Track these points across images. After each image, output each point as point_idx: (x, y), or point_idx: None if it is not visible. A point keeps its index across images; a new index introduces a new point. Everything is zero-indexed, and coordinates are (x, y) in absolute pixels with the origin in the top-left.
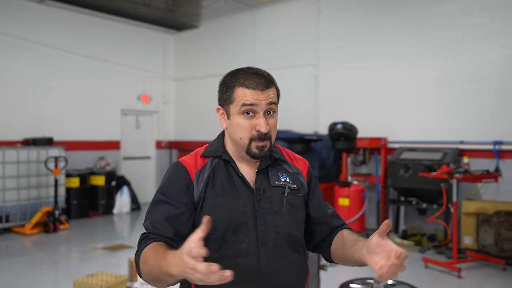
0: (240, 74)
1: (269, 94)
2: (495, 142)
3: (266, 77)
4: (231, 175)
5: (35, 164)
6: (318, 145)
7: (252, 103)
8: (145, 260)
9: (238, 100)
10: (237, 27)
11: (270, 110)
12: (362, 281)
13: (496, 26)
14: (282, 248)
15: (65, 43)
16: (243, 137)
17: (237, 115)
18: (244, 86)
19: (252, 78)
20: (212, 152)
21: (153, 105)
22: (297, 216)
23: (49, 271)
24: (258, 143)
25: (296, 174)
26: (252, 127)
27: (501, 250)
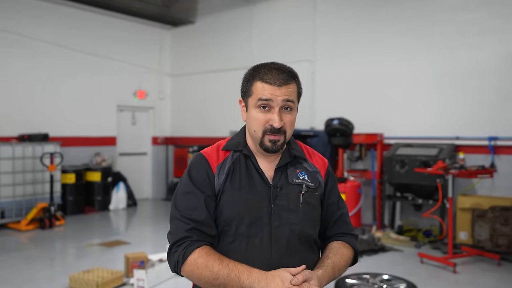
0: (262, 68)
1: (287, 90)
2: (490, 138)
3: (287, 73)
4: (250, 170)
5: (30, 160)
6: (314, 141)
7: (268, 98)
8: (205, 267)
9: (256, 94)
10: (233, 23)
11: (287, 106)
12: (358, 276)
13: (494, 22)
14: (294, 245)
15: (61, 38)
16: (257, 130)
17: (254, 108)
18: (262, 81)
19: (272, 73)
20: (233, 146)
21: (149, 101)
22: (312, 215)
23: (45, 267)
24: (270, 137)
25: (314, 173)
26: (266, 121)
27: (496, 245)
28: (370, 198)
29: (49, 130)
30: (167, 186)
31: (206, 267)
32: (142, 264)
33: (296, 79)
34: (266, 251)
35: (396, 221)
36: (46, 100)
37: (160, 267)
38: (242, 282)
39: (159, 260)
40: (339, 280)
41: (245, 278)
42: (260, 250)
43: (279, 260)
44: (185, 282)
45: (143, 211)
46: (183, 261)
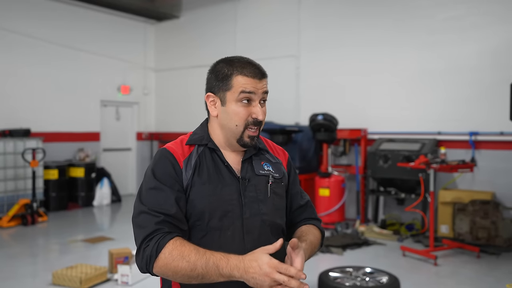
0: (236, 62)
1: (264, 83)
2: (471, 133)
3: (260, 68)
4: (217, 164)
5: (12, 156)
6: (299, 136)
7: (251, 91)
8: (180, 258)
9: (237, 88)
10: (218, 18)
11: (264, 99)
12: (341, 269)
13: (473, 19)
14: (266, 236)
15: (43, 32)
16: (239, 124)
17: (234, 102)
18: (243, 74)
19: (250, 68)
20: (197, 140)
21: (133, 96)
22: (280, 205)
23: (27, 264)
24: (251, 133)
25: (278, 164)
26: (248, 114)
27: (476, 238)
28: (354, 193)
29: (31, 126)
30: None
31: (182, 258)
32: (126, 259)
33: (266, 73)
34: (239, 243)
35: (380, 215)
36: (27, 95)
37: None
38: (221, 270)
39: None
40: (322, 274)
41: (224, 266)
42: (233, 243)
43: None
44: None
45: (127, 207)
46: (156, 255)
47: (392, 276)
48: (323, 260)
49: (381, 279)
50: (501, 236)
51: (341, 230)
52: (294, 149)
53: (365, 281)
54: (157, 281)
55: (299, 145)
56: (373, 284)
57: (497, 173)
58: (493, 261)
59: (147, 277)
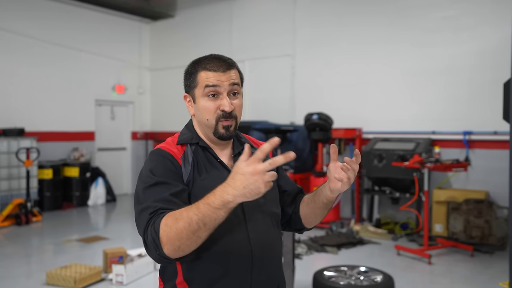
0: (202, 60)
1: (231, 75)
2: (465, 132)
3: (227, 60)
4: (210, 161)
5: (5, 155)
6: (294, 136)
7: (215, 84)
8: (175, 221)
9: (202, 83)
10: (213, 17)
11: (233, 91)
12: (336, 268)
13: (467, 20)
14: (267, 225)
15: (38, 31)
16: (210, 118)
17: (202, 98)
18: (206, 69)
19: (214, 62)
20: (188, 140)
21: (128, 96)
22: (274, 195)
23: (21, 264)
24: (224, 123)
25: (266, 158)
26: (216, 107)
27: (470, 237)
28: (348, 192)
29: (25, 125)
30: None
31: (176, 220)
32: (121, 259)
33: (236, 65)
34: (243, 233)
35: (374, 215)
36: (22, 94)
37: (139, 262)
38: (213, 203)
39: (138, 255)
40: (316, 273)
41: (212, 199)
42: (237, 233)
43: (256, 242)
44: None
45: (122, 207)
46: (157, 235)
47: (386, 275)
48: (318, 259)
49: (375, 278)
50: (495, 235)
51: (336, 229)
52: (289, 148)
53: (360, 280)
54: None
55: (294, 144)
56: (368, 283)
57: (491, 173)
58: (487, 259)
59: (141, 277)
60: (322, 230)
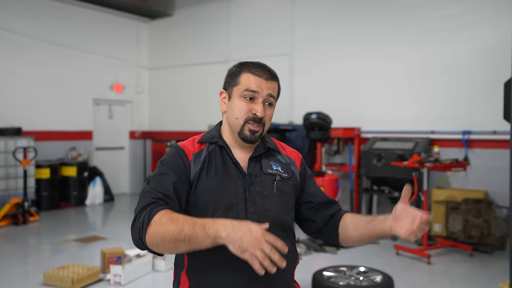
0: (249, 63)
1: (271, 85)
2: (464, 132)
3: (272, 71)
4: (225, 160)
5: (3, 154)
6: (292, 135)
7: (255, 90)
8: (169, 222)
9: (243, 84)
10: (211, 16)
11: (269, 101)
12: (335, 269)
13: (467, 18)
14: (270, 231)
15: (34, 30)
16: (239, 117)
17: (238, 97)
18: (250, 72)
19: (260, 69)
20: (209, 139)
21: (126, 95)
22: (286, 201)
23: (19, 264)
24: (251, 127)
25: (288, 165)
26: (249, 109)
27: (469, 237)
28: (347, 192)
29: (23, 124)
30: (144, 181)
31: (170, 221)
32: (119, 259)
33: (278, 78)
34: None
35: (373, 214)
36: (19, 94)
37: (137, 262)
38: (208, 230)
39: (136, 256)
40: (316, 273)
41: (210, 225)
42: None
43: None
44: (162, 277)
45: (120, 206)
46: (148, 222)
47: (386, 275)
48: (317, 259)
49: (375, 278)
50: (494, 235)
51: None
52: None
53: (359, 281)
54: (150, 282)
55: (293, 144)
56: (367, 283)
57: (490, 172)
58: (486, 259)
59: (139, 277)
60: None
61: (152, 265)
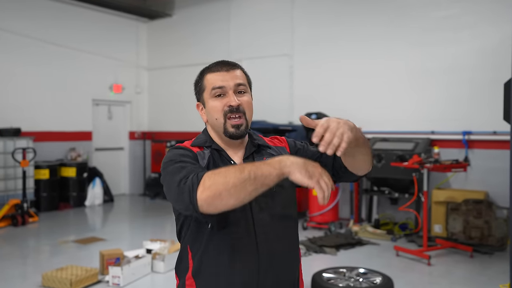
0: (209, 66)
1: (235, 74)
2: (464, 132)
3: (230, 62)
4: (225, 163)
5: (2, 155)
6: (292, 135)
7: (221, 85)
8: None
9: (209, 86)
10: (211, 16)
11: (240, 90)
12: (334, 270)
13: (467, 19)
14: (277, 230)
15: (33, 30)
16: (218, 116)
17: (210, 99)
18: (210, 72)
19: (218, 64)
20: (202, 143)
21: (126, 95)
22: (286, 196)
23: (17, 265)
24: (233, 121)
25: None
26: (223, 105)
27: (469, 238)
28: (347, 193)
29: (21, 125)
30: (144, 182)
31: (226, 170)
32: (118, 261)
33: (239, 66)
34: (250, 237)
35: (373, 215)
36: (18, 94)
37: (136, 264)
38: (271, 162)
39: (135, 257)
40: (315, 275)
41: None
42: (244, 236)
43: (264, 244)
44: (161, 279)
45: (119, 207)
46: (198, 182)
47: (385, 277)
48: (316, 260)
49: (374, 280)
50: (494, 236)
51: (335, 230)
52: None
53: (359, 282)
54: (149, 283)
55: None
56: (367, 284)
57: (490, 173)
58: (486, 260)
59: (138, 279)
60: (320, 231)
61: (151, 266)
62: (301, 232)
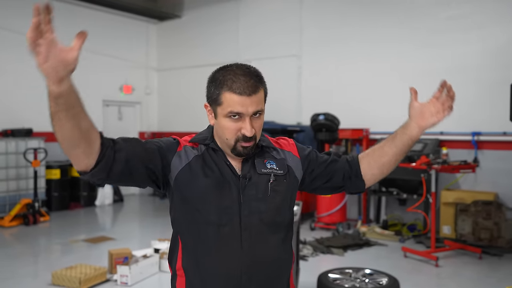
0: (228, 74)
1: (256, 99)
2: (473, 133)
3: (254, 78)
4: (219, 163)
5: (14, 155)
6: (300, 136)
7: (239, 112)
8: None
9: (226, 105)
10: (220, 17)
11: (256, 112)
12: (340, 271)
13: (477, 19)
14: (263, 234)
15: None
16: (229, 138)
17: (224, 118)
18: (231, 91)
19: (240, 82)
20: (201, 140)
21: (135, 96)
22: (282, 201)
23: (28, 263)
24: (243, 144)
25: (283, 160)
26: (237, 129)
27: (478, 239)
28: None
29: (33, 125)
30: None
31: None
32: (126, 260)
33: (262, 82)
34: (236, 239)
35: (382, 216)
36: (29, 95)
37: (144, 263)
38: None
39: (143, 256)
40: (321, 275)
41: None
42: (230, 238)
43: (249, 249)
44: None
45: (129, 207)
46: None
47: (391, 278)
48: (323, 261)
49: (380, 281)
50: (504, 237)
51: (343, 231)
52: None
53: (365, 283)
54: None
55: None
56: (372, 285)
57: (500, 174)
58: (495, 262)
59: (146, 278)
60: (328, 232)
61: (159, 266)
62: (309, 232)
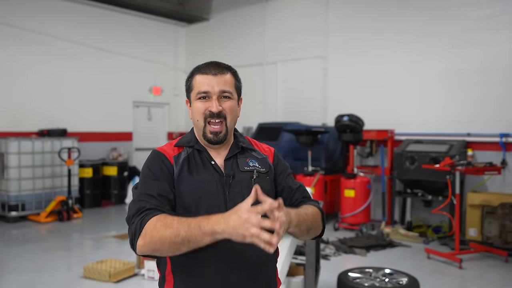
0: (201, 65)
1: (223, 79)
2: (501, 135)
3: (220, 65)
4: (204, 162)
5: (49, 154)
6: (325, 137)
7: (206, 90)
8: (164, 228)
9: (196, 87)
10: (247, 19)
11: (224, 95)
12: (360, 270)
13: (506, 18)
14: None
15: (79, 36)
16: (199, 118)
17: (195, 101)
18: (200, 73)
19: (207, 66)
20: (185, 143)
21: (164, 97)
22: None
23: (62, 257)
24: (211, 128)
25: (264, 159)
26: (205, 108)
27: (505, 242)
28: (380, 194)
29: (68, 126)
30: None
31: (166, 227)
32: None
33: (232, 70)
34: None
35: (407, 217)
36: (65, 97)
37: None
38: (203, 228)
39: None
40: (341, 274)
41: (205, 224)
42: None
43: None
44: None
45: None
46: (140, 230)
47: (411, 278)
48: (345, 260)
49: (400, 281)
50: None
51: (366, 232)
52: (320, 149)
53: (384, 282)
54: None
55: (325, 145)
56: (392, 285)
57: None
58: None
59: None
60: (352, 232)
61: None
62: (332, 232)
